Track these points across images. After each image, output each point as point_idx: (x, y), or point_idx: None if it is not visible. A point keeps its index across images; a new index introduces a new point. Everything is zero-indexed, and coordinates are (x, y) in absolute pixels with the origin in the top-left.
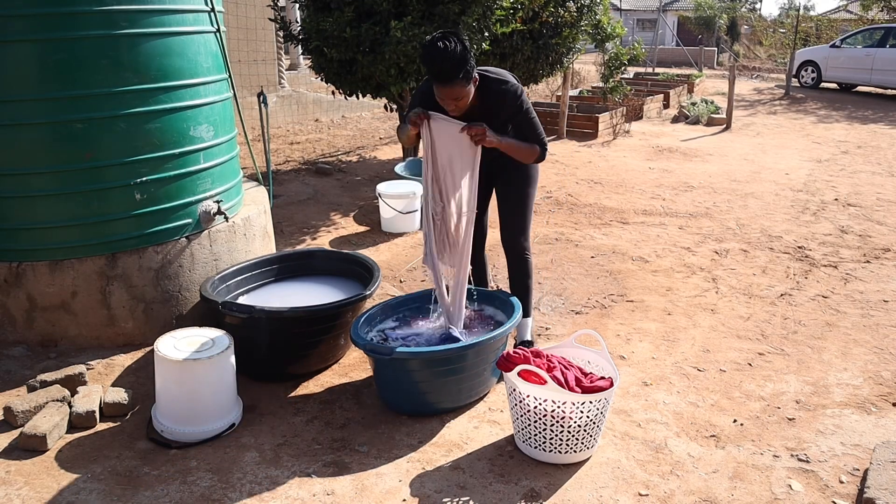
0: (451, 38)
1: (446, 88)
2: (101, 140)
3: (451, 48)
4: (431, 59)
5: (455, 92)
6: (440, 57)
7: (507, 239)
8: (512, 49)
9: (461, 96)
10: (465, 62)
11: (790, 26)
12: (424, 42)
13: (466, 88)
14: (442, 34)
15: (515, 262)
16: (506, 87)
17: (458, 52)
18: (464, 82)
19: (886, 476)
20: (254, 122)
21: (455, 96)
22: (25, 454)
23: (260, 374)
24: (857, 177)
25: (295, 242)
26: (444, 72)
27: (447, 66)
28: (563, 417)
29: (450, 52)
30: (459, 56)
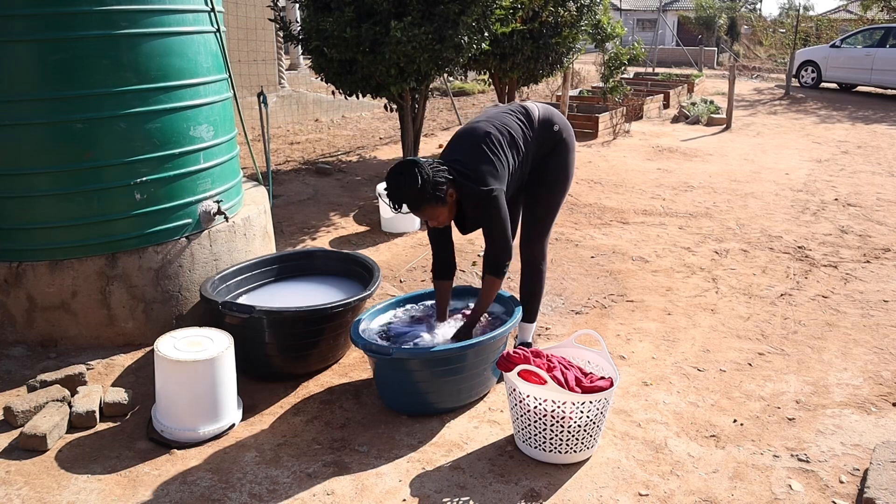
0: (409, 171)
1: (417, 213)
2: (101, 140)
3: (408, 185)
4: (392, 193)
5: (426, 214)
6: (399, 192)
7: (526, 243)
8: (512, 49)
9: (436, 216)
10: (424, 192)
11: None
12: (389, 171)
13: (438, 208)
14: (399, 167)
15: (529, 268)
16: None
17: (417, 187)
18: (432, 204)
19: (886, 476)
20: (254, 122)
21: (429, 217)
22: (25, 454)
23: (260, 374)
24: (857, 177)
25: (295, 242)
26: (407, 204)
27: (408, 199)
28: (563, 417)
29: (407, 189)
30: (417, 192)
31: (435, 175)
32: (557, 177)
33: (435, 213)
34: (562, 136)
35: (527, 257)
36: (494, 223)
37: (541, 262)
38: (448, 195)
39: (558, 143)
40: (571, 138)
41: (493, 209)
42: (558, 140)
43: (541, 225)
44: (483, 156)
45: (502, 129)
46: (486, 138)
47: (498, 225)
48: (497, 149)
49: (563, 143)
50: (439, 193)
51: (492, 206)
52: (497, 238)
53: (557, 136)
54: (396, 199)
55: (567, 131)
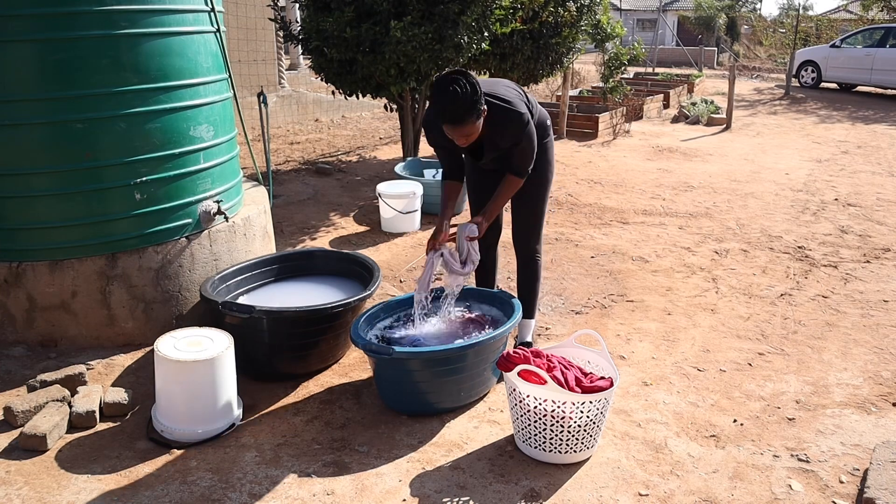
0: (462, 80)
1: (456, 129)
2: (101, 140)
3: (462, 91)
4: (443, 102)
5: (465, 130)
6: (452, 101)
7: (519, 240)
8: (512, 49)
9: (471, 133)
10: (476, 104)
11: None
12: (434, 82)
13: (476, 125)
14: (452, 76)
15: (525, 263)
16: (513, 116)
17: (469, 95)
18: (474, 120)
19: (886, 476)
20: (254, 122)
21: (464, 133)
22: (25, 454)
23: (260, 374)
24: (857, 177)
25: (295, 242)
26: (455, 115)
27: (460, 111)
28: (563, 417)
29: (461, 96)
30: (471, 99)
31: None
32: (546, 172)
33: (473, 130)
34: (549, 133)
35: (524, 253)
36: (530, 145)
37: (537, 256)
38: (484, 113)
39: (545, 138)
40: (553, 138)
41: (528, 132)
42: (545, 136)
43: (534, 220)
44: (508, 91)
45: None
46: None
47: (531, 145)
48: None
49: (550, 139)
50: (481, 107)
51: (527, 129)
52: (528, 156)
53: (545, 133)
54: (448, 108)
55: (551, 130)
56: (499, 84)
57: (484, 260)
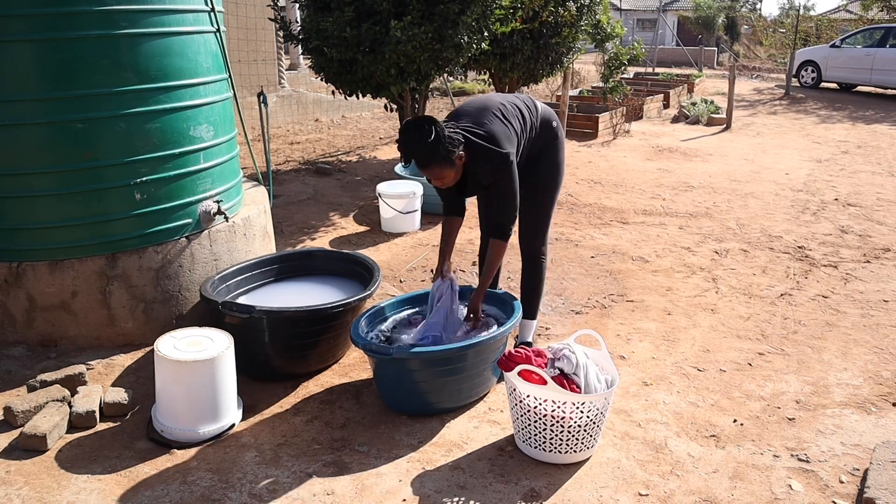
0: (425, 126)
1: (424, 171)
2: (101, 140)
3: (422, 139)
4: (404, 147)
5: (433, 173)
6: (411, 146)
7: (525, 239)
8: (512, 49)
9: (441, 176)
10: (437, 150)
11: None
12: (401, 127)
13: (446, 169)
14: (416, 123)
15: (530, 263)
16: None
17: (430, 142)
18: (442, 164)
19: (886, 476)
20: (254, 122)
21: (434, 177)
22: (25, 454)
23: (260, 374)
24: (857, 177)
25: (295, 242)
26: (417, 159)
27: (420, 155)
28: (563, 417)
29: (421, 143)
30: (431, 145)
31: (449, 136)
32: (553, 173)
33: (442, 174)
34: (557, 132)
35: (528, 253)
36: (508, 187)
37: (542, 257)
38: (457, 158)
39: (553, 138)
40: (563, 137)
41: (507, 173)
42: (554, 135)
43: (540, 221)
44: (496, 121)
45: (509, 103)
46: (496, 105)
47: (510, 189)
48: (508, 116)
49: (558, 139)
50: (450, 155)
51: (507, 170)
52: (508, 202)
53: (554, 132)
54: (407, 153)
55: (561, 129)
56: (487, 110)
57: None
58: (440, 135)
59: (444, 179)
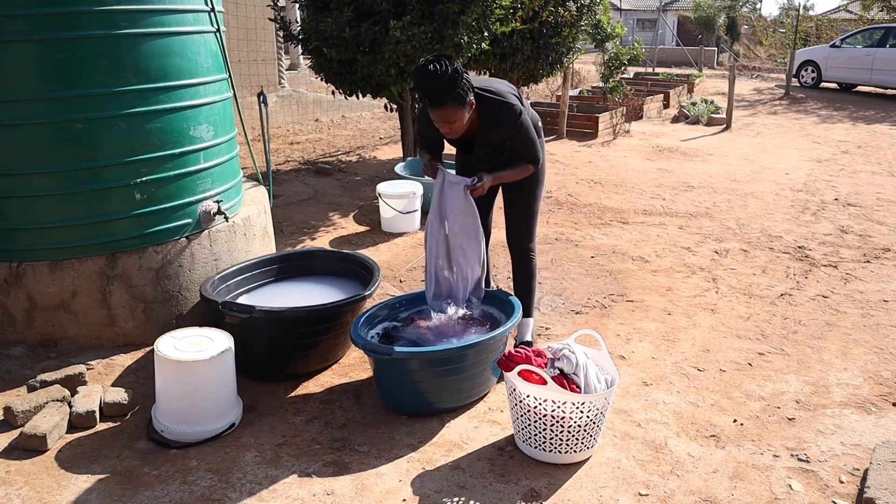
0: (443, 60)
1: (437, 111)
2: (101, 140)
3: (440, 70)
4: (422, 80)
5: (446, 115)
6: (430, 79)
7: (513, 239)
8: (512, 49)
9: (453, 119)
10: (455, 85)
11: (790, 26)
12: (417, 65)
13: (459, 112)
14: (434, 56)
15: (520, 262)
16: (504, 109)
17: (449, 75)
18: (455, 105)
19: (886, 476)
20: (254, 122)
21: (447, 119)
22: (25, 454)
23: (260, 374)
24: (857, 177)
25: (295, 242)
26: (433, 94)
27: (437, 89)
28: (563, 417)
29: (440, 75)
30: (449, 78)
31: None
32: (539, 172)
33: (454, 115)
34: (540, 133)
35: (518, 253)
36: (528, 137)
37: (531, 255)
38: (469, 104)
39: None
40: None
41: (523, 123)
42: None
43: (527, 219)
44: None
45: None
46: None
47: (530, 137)
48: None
49: (541, 136)
50: (464, 93)
51: (522, 121)
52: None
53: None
54: (426, 86)
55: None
56: (492, 81)
57: None
58: (458, 69)
59: (455, 125)
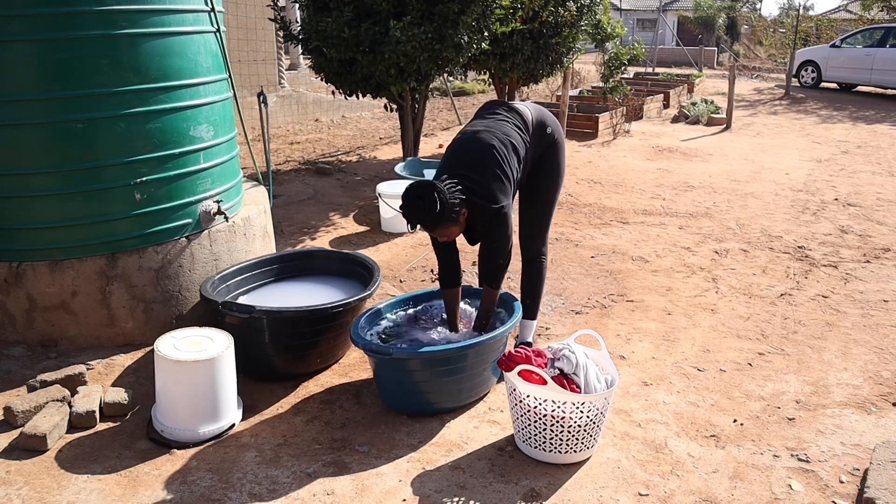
0: (426, 196)
1: (433, 232)
2: (101, 140)
3: (426, 209)
4: (411, 215)
5: (440, 234)
6: (418, 215)
7: (526, 241)
8: (512, 49)
9: (447, 234)
10: (443, 215)
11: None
12: (406, 191)
13: (452, 227)
14: (418, 189)
15: (530, 264)
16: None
17: (435, 211)
18: (448, 224)
19: (886, 476)
20: (254, 122)
21: (441, 236)
22: (25, 454)
23: (260, 374)
24: (857, 177)
25: (295, 242)
26: (424, 226)
27: (426, 222)
28: (563, 417)
29: (427, 212)
30: (436, 214)
31: (451, 197)
32: (552, 176)
33: (447, 232)
34: (554, 137)
35: (528, 254)
36: (502, 238)
37: (542, 258)
38: (461, 215)
39: (551, 143)
40: (563, 137)
41: (502, 225)
42: (551, 141)
43: (540, 223)
44: (491, 172)
45: (504, 141)
46: (491, 151)
47: (503, 239)
48: (503, 162)
49: (556, 143)
50: (454, 215)
51: (501, 223)
52: (501, 250)
53: (550, 138)
54: (414, 221)
55: (558, 131)
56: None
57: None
58: (444, 201)
59: (451, 235)
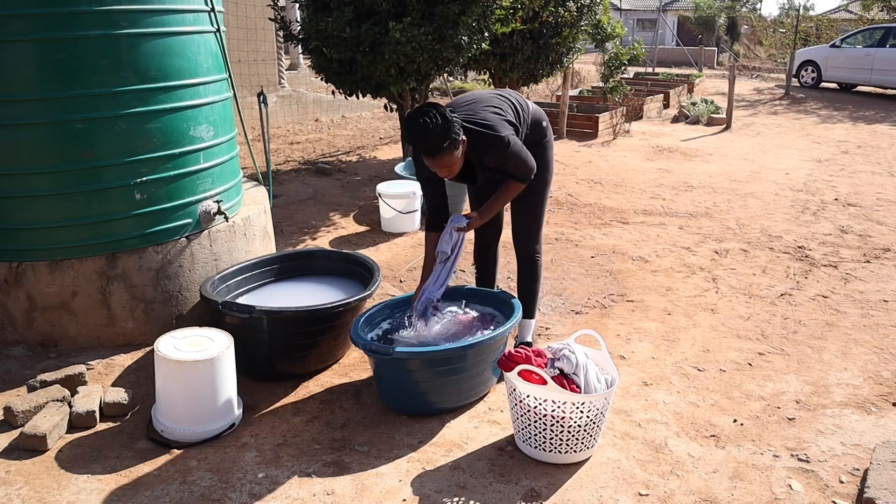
0: (432, 112)
1: (433, 160)
2: (101, 140)
3: (432, 124)
4: (415, 134)
5: (442, 161)
6: (423, 133)
7: (519, 240)
8: (512, 49)
9: (449, 164)
10: (447, 135)
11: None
12: (406, 117)
13: (453, 155)
14: (423, 109)
15: (525, 263)
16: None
17: (440, 126)
18: (450, 150)
19: (886, 476)
20: (254, 122)
21: (443, 165)
22: (25, 454)
23: (260, 374)
24: (857, 177)
25: (295, 242)
26: (427, 147)
27: (431, 142)
28: (563, 417)
29: (432, 128)
30: (442, 130)
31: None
32: (543, 172)
33: (451, 161)
34: (546, 132)
35: (524, 253)
36: (519, 160)
37: (537, 256)
38: (462, 143)
39: (543, 138)
40: (552, 137)
41: (514, 151)
42: (543, 136)
43: (533, 221)
44: (488, 111)
45: (502, 100)
46: (489, 100)
47: (521, 159)
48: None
49: (548, 139)
50: (456, 137)
51: (512, 149)
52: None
53: (542, 133)
54: (419, 142)
55: (550, 130)
56: (478, 103)
57: (484, 260)
58: (447, 118)
59: (453, 167)
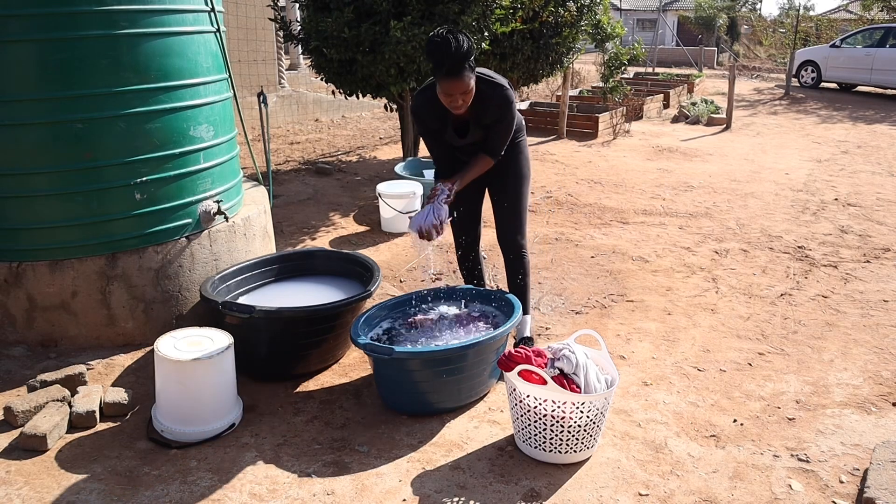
0: (456, 33)
1: (454, 81)
2: (101, 140)
3: (456, 43)
4: (440, 53)
5: (463, 85)
6: (448, 50)
7: (504, 238)
8: (512, 49)
9: (468, 89)
10: (470, 54)
11: (790, 26)
12: (431, 37)
13: (471, 82)
14: (447, 30)
15: (512, 260)
16: (498, 89)
17: (464, 46)
18: (469, 74)
19: (886, 476)
20: (254, 122)
21: (462, 89)
22: (25, 454)
23: (260, 374)
24: (857, 177)
25: (295, 242)
26: (452, 65)
27: (455, 59)
28: (563, 417)
29: (457, 46)
30: (467, 49)
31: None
32: (522, 166)
33: (469, 86)
34: (521, 125)
35: (510, 250)
36: (506, 128)
37: (523, 251)
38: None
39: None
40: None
41: (511, 113)
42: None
43: (517, 215)
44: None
45: None
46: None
47: (507, 130)
48: None
49: (523, 139)
50: (473, 65)
51: (511, 109)
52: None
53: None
54: (445, 58)
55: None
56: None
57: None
58: (470, 40)
59: (467, 96)
